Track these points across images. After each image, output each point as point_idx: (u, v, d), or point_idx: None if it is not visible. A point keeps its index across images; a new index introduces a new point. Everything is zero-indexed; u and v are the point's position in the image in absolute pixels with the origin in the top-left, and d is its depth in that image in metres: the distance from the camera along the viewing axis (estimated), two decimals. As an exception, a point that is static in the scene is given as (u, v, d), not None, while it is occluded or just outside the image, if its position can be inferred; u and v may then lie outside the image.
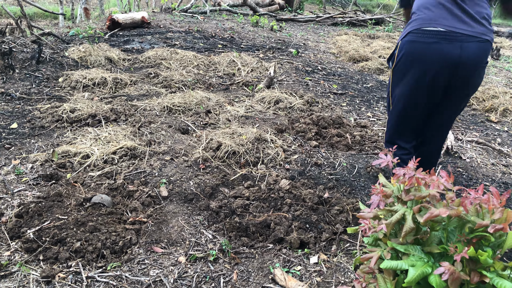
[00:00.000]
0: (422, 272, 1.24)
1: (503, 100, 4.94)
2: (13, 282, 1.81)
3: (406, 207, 1.38)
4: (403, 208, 1.36)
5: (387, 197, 1.45)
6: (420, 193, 1.34)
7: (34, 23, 8.66)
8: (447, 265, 1.20)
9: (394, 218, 1.35)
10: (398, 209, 1.38)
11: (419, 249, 1.34)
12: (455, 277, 1.18)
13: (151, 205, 2.43)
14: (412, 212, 1.33)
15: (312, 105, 4.31)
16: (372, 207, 1.46)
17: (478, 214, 1.27)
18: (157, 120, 3.66)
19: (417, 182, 1.36)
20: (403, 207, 1.38)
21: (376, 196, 1.46)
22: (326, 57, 7.12)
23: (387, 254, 1.36)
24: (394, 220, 1.34)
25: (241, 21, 9.93)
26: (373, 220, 1.45)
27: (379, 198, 1.45)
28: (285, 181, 2.71)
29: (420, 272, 1.24)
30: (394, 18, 12.53)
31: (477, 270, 1.22)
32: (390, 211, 1.41)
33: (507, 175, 3.28)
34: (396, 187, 1.48)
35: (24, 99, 3.94)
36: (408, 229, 1.31)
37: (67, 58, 5.18)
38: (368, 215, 1.45)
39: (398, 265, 1.28)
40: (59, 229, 2.09)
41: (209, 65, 5.56)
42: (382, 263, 1.30)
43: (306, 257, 2.12)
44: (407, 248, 1.33)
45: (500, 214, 1.21)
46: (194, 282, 1.91)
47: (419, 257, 1.31)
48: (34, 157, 2.86)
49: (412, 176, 1.36)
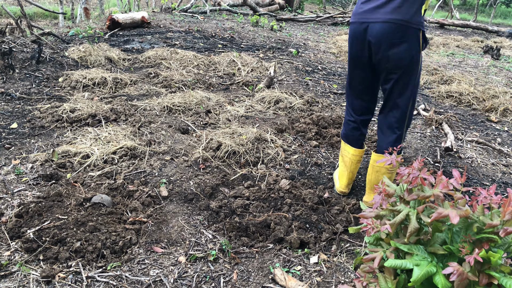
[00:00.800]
0: (427, 272, 1.23)
1: (503, 100, 4.94)
2: (13, 282, 1.81)
3: (409, 207, 1.37)
4: (407, 208, 1.36)
5: (390, 196, 1.44)
6: (424, 193, 1.33)
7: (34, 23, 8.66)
8: (456, 266, 1.19)
9: (398, 218, 1.34)
10: (401, 209, 1.37)
11: (422, 249, 1.33)
12: (463, 278, 1.17)
13: (151, 205, 2.43)
14: (416, 212, 1.33)
15: (312, 105, 4.31)
16: (375, 206, 1.46)
17: (484, 214, 1.26)
18: (157, 120, 3.66)
19: (421, 182, 1.35)
20: (406, 207, 1.37)
21: (378, 195, 1.45)
22: (326, 57, 7.12)
23: (390, 254, 1.35)
24: (398, 220, 1.34)
25: (241, 21, 9.93)
26: (375, 220, 1.44)
27: (382, 197, 1.44)
28: (285, 181, 2.71)
29: (425, 271, 1.23)
30: (394, 18, 12.51)
31: (485, 272, 1.21)
32: (392, 211, 1.40)
33: (507, 175, 3.28)
34: (398, 186, 1.48)
35: (24, 99, 3.94)
36: (413, 229, 1.30)
37: (67, 58, 5.18)
38: (370, 215, 1.45)
39: (403, 264, 1.27)
40: (59, 229, 2.09)
41: (209, 65, 5.56)
42: (387, 262, 1.29)
43: (306, 257, 2.12)
44: (411, 247, 1.33)
45: (510, 215, 1.20)
46: (194, 282, 1.91)
47: (422, 256, 1.30)
48: (34, 157, 2.86)
49: (417, 176, 1.35)
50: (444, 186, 1.31)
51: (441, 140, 3.82)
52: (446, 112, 4.65)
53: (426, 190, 1.35)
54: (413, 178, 1.35)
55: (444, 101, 5.12)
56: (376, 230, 1.38)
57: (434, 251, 1.32)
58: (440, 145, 3.69)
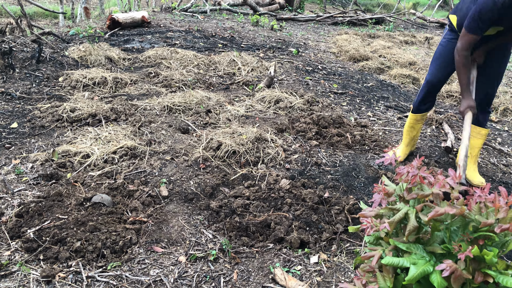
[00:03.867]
0: (423, 271, 1.24)
1: (503, 100, 4.94)
2: (13, 282, 1.82)
3: (408, 206, 1.37)
4: (405, 207, 1.36)
5: (389, 195, 1.44)
6: (423, 192, 1.33)
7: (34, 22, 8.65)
8: (449, 263, 1.20)
9: (397, 217, 1.34)
10: (400, 208, 1.37)
11: (421, 248, 1.33)
12: (457, 275, 1.17)
13: (151, 204, 2.43)
14: (415, 211, 1.33)
15: (312, 105, 4.31)
16: (374, 205, 1.46)
17: (481, 213, 1.27)
18: (157, 120, 3.66)
19: (420, 181, 1.35)
20: (405, 205, 1.38)
21: (378, 194, 1.45)
22: (327, 56, 7.12)
23: (388, 253, 1.35)
24: (397, 219, 1.34)
25: (241, 20, 9.93)
26: (375, 219, 1.44)
27: (381, 196, 1.44)
28: (285, 181, 2.71)
29: (421, 270, 1.23)
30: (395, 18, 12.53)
31: (480, 270, 1.21)
32: (392, 210, 1.40)
33: (507, 174, 3.28)
34: (398, 186, 1.48)
35: (24, 99, 3.94)
36: (411, 228, 1.30)
37: (67, 57, 5.18)
38: (369, 214, 1.45)
39: (400, 262, 1.27)
40: (59, 228, 2.09)
41: (209, 65, 5.56)
42: (384, 259, 1.29)
43: (306, 257, 2.12)
44: (409, 246, 1.33)
45: (505, 213, 1.20)
46: (194, 282, 1.91)
47: (421, 255, 1.31)
48: (34, 156, 2.86)
49: (416, 174, 1.35)
50: (441, 185, 1.31)
51: (441, 140, 3.82)
52: (446, 111, 4.65)
53: (425, 189, 1.35)
54: (412, 176, 1.35)
55: (444, 101, 5.12)
56: (375, 229, 1.38)
57: (433, 250, 1.32)
58: (440, 145, 3.69)
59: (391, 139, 3.71)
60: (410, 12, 14.56)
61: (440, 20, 13.04)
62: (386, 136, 3.77)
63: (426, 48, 8.88)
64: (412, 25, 12.33)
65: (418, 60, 6.88)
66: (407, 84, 5.70)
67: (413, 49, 8.55)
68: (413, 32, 10.85)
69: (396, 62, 6.63)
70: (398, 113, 4.46)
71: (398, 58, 6.79)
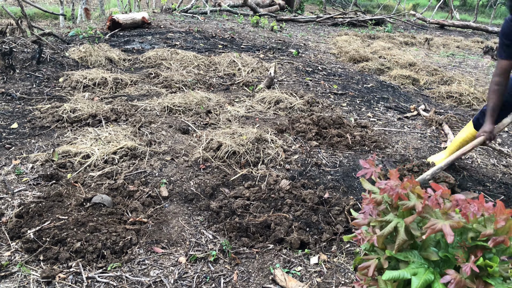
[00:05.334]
0: (425, 281, 1.22)
1: (503, 101, 4.93)
2: (13, 283, 1.81)
3: (397, 217, 1.35)
4: (395, 220, 1.34)
5: (378, 204, 1.43)
6: (407, 204, 1.31)
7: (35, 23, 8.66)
8: (453, 274, 1.18)
9: (386, 231, 1.33)
10: (390, 219, 1.36)
11: (417, 255, 1.32)
12: (461, 286, 1.16)
13: (151, 205, 2.43)
14: (404, 224, 1.31)
15: (312, 105, 4.31)
16: (365, 216, 1.44)
17: (478, 221, 1.25)
18: (157, 120, 3.66)
19: (402, 197, 1.33)
20: (395, 217, 1.36)
21: (367, 206, 1.43)
22: (327, 57, 7.12)
23: (384, 262, 1.34)
24: (386, 233, 1.33)
25: (241, 21, 9.93)
26: (367, 228, 1.43)
27: (370, 208, 1.43)
28: (285, 181, 2.71)
29: (423, 280, 1.22)
30: (394, 19, 12.53)
31: (482, 278, 1.20)
32: (381, 222, 1.39)
33: (507, 175, 3.28)
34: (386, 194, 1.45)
35: (25, 99, 3.94)
36: (401, 241, 1.29)
37: (67, 58, 5.18)
38: (362, 222, 1.43)
39: (400, 275, 1.26)
40: (60, 229, 2.09)
41: (209, 66, 5.57)
42: (384, 275, 1.27)
43: (306, 258, 2.12)
44: (406, 255, 1.32)
45: (504, 222, 1.19)
46: (194, 283, 1.91)
47: (419, 263, 1.29)
48: (34, 157, 2.86)
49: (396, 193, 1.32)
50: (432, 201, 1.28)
51: (441, 141, 3.82)
52: (446, 112, 4.65)
53: (411, 198, 1.33)
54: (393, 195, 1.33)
55: (444, 102, 5.12)
56: (368, 239, 1.37)
57: (427, 257, 1.31)
58: (440, 145, 3.69)
59: (391, 140, 3.71)
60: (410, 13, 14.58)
61: (440, 21, 13.05)
62: (386, 137, 3.77)
63: (426, 49, 8.88)
64: (412, 26, 12.34)
65: (418, 61, 6.88)
66: (407, 85, 5.71)
67: (413, 50, 8.56)
68: (413, 33, 10.87)
69: (396, 63, 6.63)
70: (398, 114, 4.46)
71: (398, 59, 6.80)
